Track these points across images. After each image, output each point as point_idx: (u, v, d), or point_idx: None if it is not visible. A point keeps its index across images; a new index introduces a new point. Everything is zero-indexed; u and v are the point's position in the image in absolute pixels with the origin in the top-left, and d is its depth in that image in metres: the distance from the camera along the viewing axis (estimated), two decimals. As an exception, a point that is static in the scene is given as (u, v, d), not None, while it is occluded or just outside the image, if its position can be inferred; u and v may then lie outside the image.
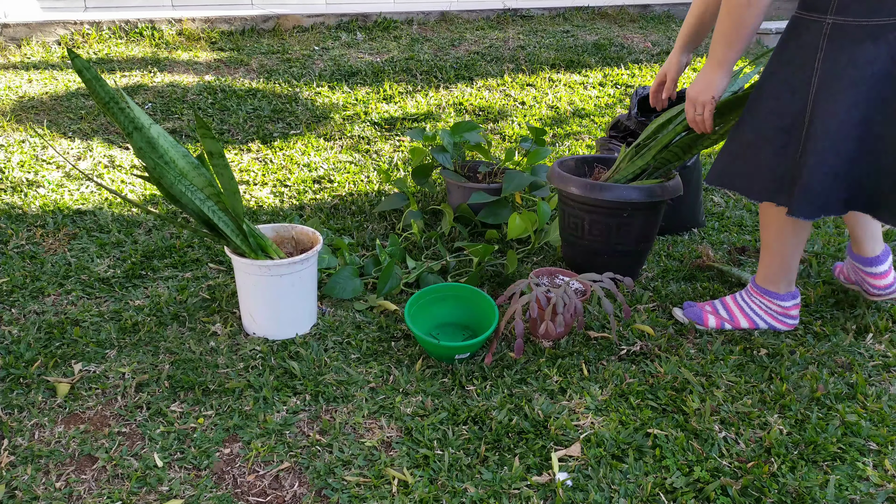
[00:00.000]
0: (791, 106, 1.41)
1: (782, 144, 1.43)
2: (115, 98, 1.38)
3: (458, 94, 3.60)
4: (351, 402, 1.47)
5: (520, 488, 1.24)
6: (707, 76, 1.49)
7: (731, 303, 1.75)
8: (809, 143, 1.38)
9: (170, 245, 2.12)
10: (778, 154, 1.44)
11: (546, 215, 2.09)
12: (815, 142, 1.37)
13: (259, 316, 1.65)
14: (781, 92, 1.42)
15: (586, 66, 4.06)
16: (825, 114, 1.36)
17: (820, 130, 1.36)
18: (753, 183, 1.50)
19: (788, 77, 1.41)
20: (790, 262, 1.63)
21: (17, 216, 2.23)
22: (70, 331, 1.67)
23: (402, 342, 1.69)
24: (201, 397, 1.47)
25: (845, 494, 1.23)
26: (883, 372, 1.59)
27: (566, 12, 5.09)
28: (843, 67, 1.33)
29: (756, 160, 1.48)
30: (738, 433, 1.38)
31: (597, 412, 1.44)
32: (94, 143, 2.80)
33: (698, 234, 2.32)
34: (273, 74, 3.62)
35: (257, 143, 2.94)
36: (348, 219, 2.35)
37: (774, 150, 1.45)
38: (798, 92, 1.39)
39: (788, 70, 1.41)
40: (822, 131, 1.36)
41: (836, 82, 1.34)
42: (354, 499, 1.22)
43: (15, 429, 1.37)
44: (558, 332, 1.63)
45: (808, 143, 1.38)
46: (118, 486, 1.24)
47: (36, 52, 3.69)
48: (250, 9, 4.54)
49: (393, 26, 4.52)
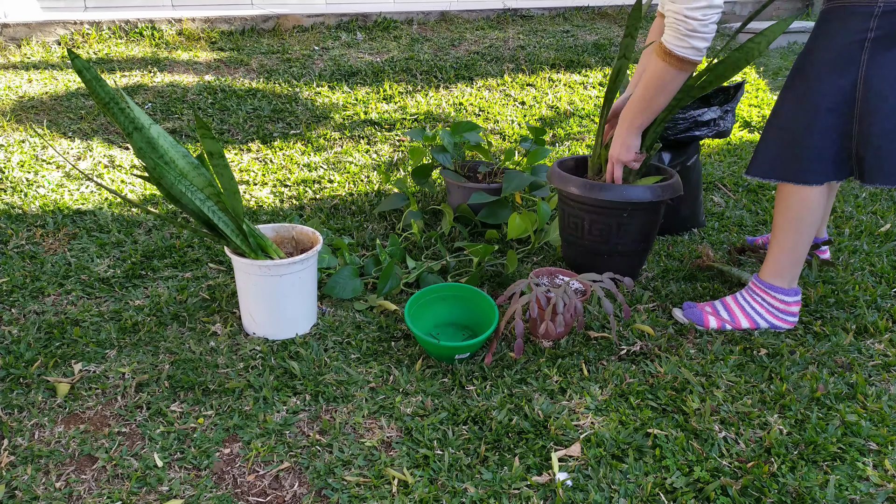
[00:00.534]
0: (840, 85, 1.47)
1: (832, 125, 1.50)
2: (115, 98, 1.38)
3: (458, 94, 3.60)
4: (351, 402, 1.47)
5: (520, 488, 1.24)
6: (627, 140, 1.75)
7: (731, 303, 1.75)
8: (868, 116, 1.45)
9: (170, 245, 2.12)
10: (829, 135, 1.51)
11: (546, 215, 2.09)
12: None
13: (259, 316, 1.65)
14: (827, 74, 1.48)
15: (586, 66, 4.06)
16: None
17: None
18: (812, 167, 1.54)
19: (831, 61, 1.47)
20: (800, 254, 1.66)
21: (17, 216, 2.23)
22: (70, 331, 1.67)
23: (402, 342, 1.69)
24: (201, 397, 1.47)
25: (845, 494, 1.23)
26: (883, 372, 1.59)
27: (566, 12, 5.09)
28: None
29: (810, 143, 1.53)
30: (738, 433, 1.38)
31: (597, 412, 1.44)
32: (94, 143, 2.80)
33: (698, 234, 2.32)
34: (273, 74, 3.62)
35: (257, 143, 2.94)
36: (348, 219, 2.35)
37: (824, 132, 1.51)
38: (846, 73, 1.45)
39: (830, 55, 1.48)
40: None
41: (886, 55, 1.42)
42: (354, 499, 1.22)
43: (15, 429, 1.37)
44: (558, 332, 1.63)
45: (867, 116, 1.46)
46: (118, 486, 1.24)
47: (36, 52, 3.69)
48: (250, 9, 4.54)
49: (393, 26, 4.52)
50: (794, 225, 1.62)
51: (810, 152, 1.53)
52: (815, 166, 1.54)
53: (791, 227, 1.63)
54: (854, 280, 1.98)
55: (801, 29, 4.95)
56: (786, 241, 1.65)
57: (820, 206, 1.60)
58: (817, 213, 1.60)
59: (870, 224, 2.35)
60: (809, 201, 1.58)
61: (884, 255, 2.13)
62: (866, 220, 2.38)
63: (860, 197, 2.60)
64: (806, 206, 1.59)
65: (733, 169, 2.88)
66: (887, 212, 2.46)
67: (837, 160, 1.53)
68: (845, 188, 2.70)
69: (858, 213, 2.46)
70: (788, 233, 1.63)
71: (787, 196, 1.61)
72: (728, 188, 2.70)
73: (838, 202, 2.55)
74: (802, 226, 1.62)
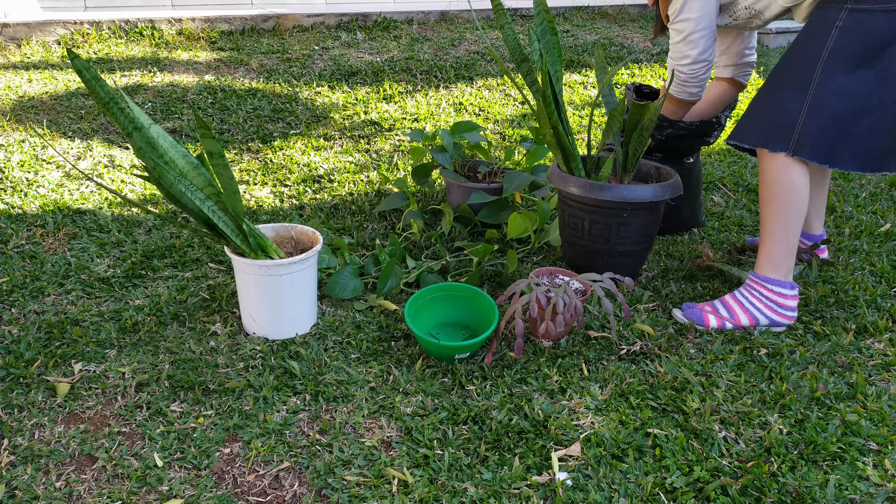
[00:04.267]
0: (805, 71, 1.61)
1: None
2: (115, 98, 1.38)
3: (458, 94, 3.60)
4: (351, 401, 1.47)
5: (520, 488, 1.24)
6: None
7: (730, 300, 1.75)
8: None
9: (170, 245, 2.12)
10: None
11: (546, 215, 2.09)
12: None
13: (259, 316, 1.65)
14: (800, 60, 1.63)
15: (586, 66, 4.06)
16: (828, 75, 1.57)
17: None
18: (770, 134, 1.65)
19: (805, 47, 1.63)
20: (792, 243, 1.69)
21: (17, 216, 2.23)
22: (70, 330, 1.67)
23: (402, 342, 1.69)
24: (201, 397, 1.47)
25: (845, 494, 1.23)
26: (883, 372, 1.59)
27: (566, 12, 5.09)
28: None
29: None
30: (738, 433, 1.38)
31: (597, 412, 1.44)
32: (94, 143, 2.80)
33: (698, 234, 2.32)
34: (273, 74, 3.62)
35: (257, 143, 2.94)
36: (348, 219, 2.35)
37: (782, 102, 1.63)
38: (812, 54, 1.59)
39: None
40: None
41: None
42: (354, 498, 1.22)
43: (15, 429, 1.37)
44: (558, 332, 1.63)
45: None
46: (118, 486, 1.24)
47: (36, 51, 3.69)
48: (250, 8, 4.54)
49: (393, 26, 4.52)
50: (781, 212, 1.65)
51: (766, 120, 1.65)
52: (765, 131, 1.64)
53: (778, 215, 1.66)
54: (854, 280, 1.98)
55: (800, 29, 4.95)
56: (776, 230, 1.68)
57: (804, 190, 1.64)
58: (802, 197, 1.64)
59: (870, 224, 2.35)
60: (784, 181, 1.63)
61: (884, 255, 2.13)
62: (866, 220, 2.38)
63: (860, 197, 2.60)
64: (784, 189, 1.63)
65: (733, 169, 2.88)
66: (887, 212, 2.46)
67: (783, 130, 1.61)
68: (845, 188, 2.70)
69: (858, 213, 2.46)
70: (777, 221, 1.67)
71: (764, 180, 1.67)
72: (728, 188, 2.70)
73: (838, 202, 2.55)
74: (790, 212, 1.65)
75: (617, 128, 1.87)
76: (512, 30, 1.89)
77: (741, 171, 2.85)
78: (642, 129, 1.80)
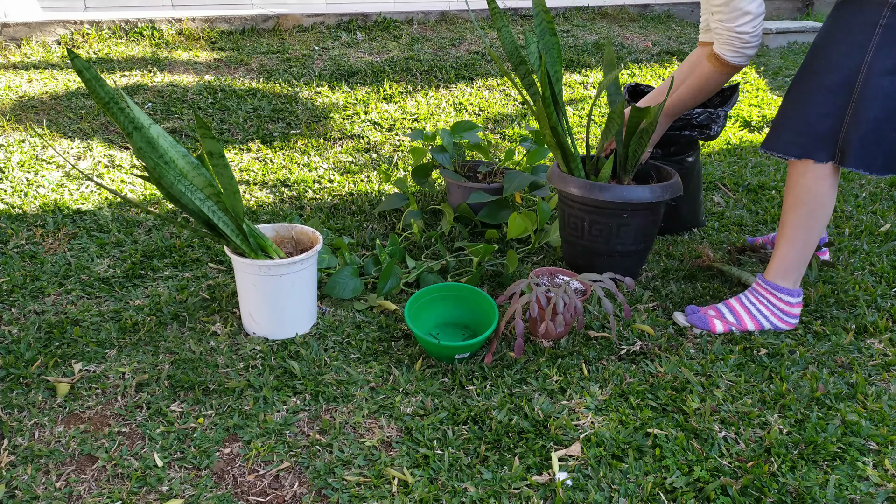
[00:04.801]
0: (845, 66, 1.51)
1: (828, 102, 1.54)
2: (115, 98, 1.38)
3: (458, 93, 3.60)
4: (351, 401, 1.47)
5: (520, 488, 1.24)
6: (661, 125, 1.93)
7: (736, 305, 1.74)
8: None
9: (170, 245, 2.12)
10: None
11: (546, 215, 2.09)
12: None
13: (259, 316, 1.65)
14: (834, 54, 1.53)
15: (586, 65, 4.06)
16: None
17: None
18: (803, 141, 1.57)
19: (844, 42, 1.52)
20: (809, 254, 1.66)
21: (17, 216, 2.23)
22: (70, 330, 1.67)
23: (402, 342, 1.69)
24: (201, 397, 1.47)
25: (845, 494, 1.23)
26: (883, 372, 1.59)
27: (566, 12, 5.09)
28: None
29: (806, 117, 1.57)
30: (738, 433, 1.38)
31: (597, 412, 1.44)
32: (94, 143, 2.80)
33: (698, 234, 2.32)
34: (273, 74, 3.61)
35: (257, 143, 2.94)
36: (348, 219, 2.35)
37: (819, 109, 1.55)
38: (852, 55, 1.49)
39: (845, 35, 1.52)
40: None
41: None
42: (354, 498, 1.22)
43: (15, 429, 1.37)
44: (558, 332, 1.63)
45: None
46: (118, 486, 1.24)
47: (36, 51, 3.69)
48: (250, 8, 4.54)
49: (393, 26, 4.52)
50: (806, 220, 1.61)
51: (806, 128, 1.57)
52: (807, 141, 1.56)
53: (802, 222, 1.61)
54: (854, 280, 1.98)
55: (800, 29, 4.95)
56: (796, 237, 1.64)
57: (833, 200, 1.59)
58: (829, 208, 1.60)
59: (870, 224, 2.35)
60: (818, 190, 1.57)
61: (884, 255, 2.13)
62: (866, 220, 2.38)
63: (860, 197, 2.60)
64: (816, 199, 1.58)
65: (733, 169, 2.88)
66: (887, 212, 2.46)
67: (826, 139, 1.54)
68: (845, 188, 2.70)
69: (858, 213, 2.46)
70: (799, 229, 1.62)
71: (795, 185, 1.60)
72: (728, 188, 2.70)
73: (838, 202, 2.55)
74: (815, 221, 1.61)
75: (616, 129, 1.87)
76: (509, 32, 1.89)
77: (741, 171, 2.85)
78: (642, 130, 1.80)
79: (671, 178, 1.90)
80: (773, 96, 3.77)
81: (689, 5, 5.38)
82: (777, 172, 2.83)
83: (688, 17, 5.39)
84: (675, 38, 4.69)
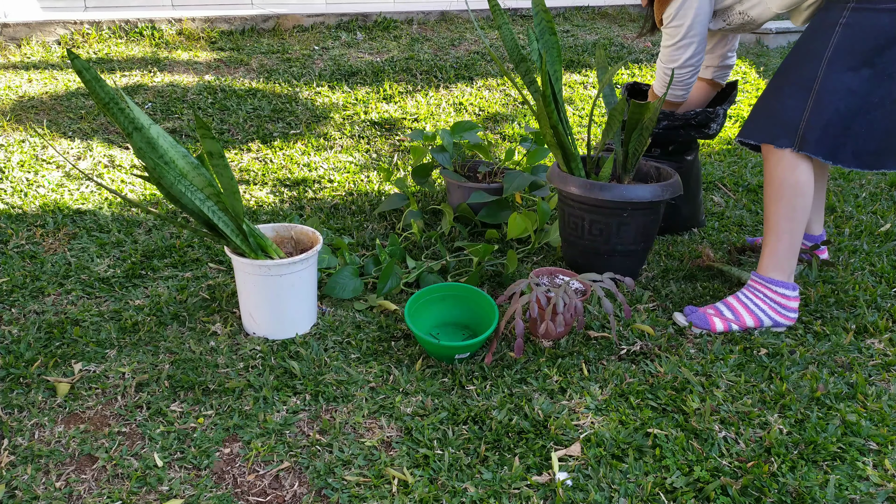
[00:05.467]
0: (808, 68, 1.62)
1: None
2: (115, 98, 1.38)
3: (458, 94, 3.60)
4: (351, 401, 1.47)
5: (520, 488, 1.24)
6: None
7: (734, 302, 1.75)
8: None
9: (170, 245, 2.12)
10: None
11: (546, 215, 2.09)
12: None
13: (259, 316, 1.65)
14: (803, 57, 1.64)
15: (586, 66, 4.06)
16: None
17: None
18: (776, 130, 1.65)
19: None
20: (796, 243, 1.69)
21: (17, 216, 2.23)
22: (70, 331, 1.67)
23: (402, 342, 1.69)
24: (201, 397, 1.47)
25: (845, 494, 1.23)
26: (883, 372, 1.59)
27: (566, 12, 5.09)
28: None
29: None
30: (738, 433, 1.38)
31: (597, 412, 1.44)
32: (94, 143, 2.80)
33: (698, 234, 2.32)
34: (273, 74, 3.62)
35: (257, 143, 2.94)
36: (348, 219, 2.35)
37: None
38: (815, 52, 1.59)
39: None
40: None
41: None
42: (354, 498, 1.22)
43: (15, 429, 1.37)
44: (558, 332, 1.63)
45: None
46: (118, 486, 1.24)
47: (36, 51, 3.69)
48: (250, 8, 4.54)
49: (393, 26, 4.52)
50: (787, 212, 1.66)
51: (772, 117, 1.66)
52: (771, 128, 1.65)
53: (784, 214, 1.66)
54: (854, 280, 1.98)
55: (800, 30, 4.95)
56: (781, 230, 1.68)
57: (809, 189, 1.64)
58: (808, 197, 1.65)
59: (870, 224, 2.35)
60: (792, 180, 1.63)
61: (884, 255, 2.13)
62: (866, 220, 2.38)
63: (860, 197, 2.60)
64: (793, 189, 1.64)
65: (733, 169, 2.88)
66: (887, 212, 2.46)
67: (788, 127, 1.62)
68: (845, 188, 2.70)
69: (858, 213, 2.46)
70: (782, 221, 1.67)
71: (771, 178, 1.67)
72: (728, 188, 2.70)
73: (838, 202, 2.55)
74: (795, 212, 1.66)
75: (617, 127, 1.87)
76: (510, 30, 1.89)
77: (741, 171, 2.85)
78: (642, 128, 1.80)
79: (671, 177, 1.90)
80: (773, 96, 3.77)
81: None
82: (777, 172, 2.82)
83: (688, 17, 5.38)
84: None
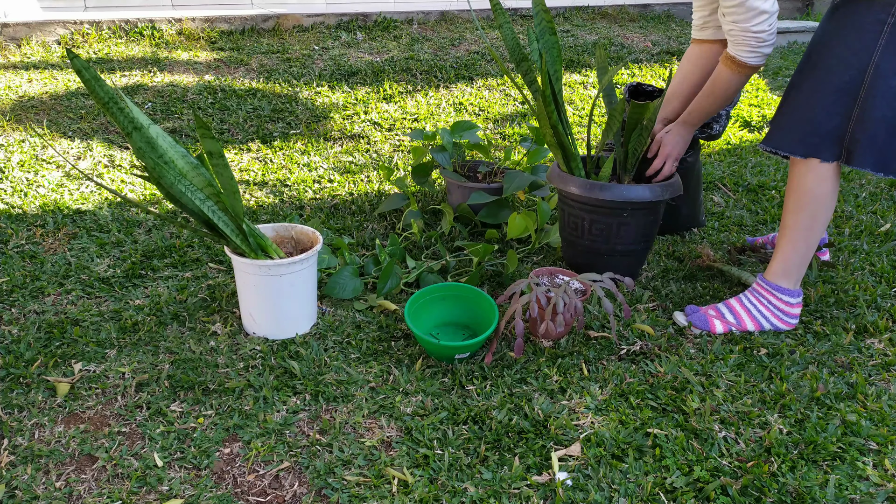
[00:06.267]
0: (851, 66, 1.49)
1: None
2: (115, 98, 1.38)
3: (458, 94, 3.60)
4: (351, 401, 1.47)
5: (520, 488, 1.24)
6: (684, 137, 1.92)
7: (736, 305, 1.74)
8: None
9: (170, 245, 2.12)
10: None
11: (546, 215, 2.09)
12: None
13: (259, 316, 1.65)
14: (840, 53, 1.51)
15: (586, 66, 4.06)
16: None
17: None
18: (811, 140, 1.56)
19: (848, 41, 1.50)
20: (810, 254, 1.66)
21: (17, 216, 2.23)
22: (70, 330, 1.67)
23: (402, 342, 1.69)
24: (201, 397, 1.47)
25: (845, 494, 1.23)
26: (883, 371, 1.59)
27: (566, 12, 5.09)
28: None
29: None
30: (738, 433, 1.38)
31: (597, 412, 1.44)
32: (94, 143, 2.80)
33: (698, 234, 2.32)
34: (273, 74, 3.61)
35: (257, 143, 2.94)
36: (348, 219, 2.35)
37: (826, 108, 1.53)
38: (860, 54, 1.47)
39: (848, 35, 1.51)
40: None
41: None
42: (354, 498, 1.22)
43: (15, 428, 1.37)
44: (558, 332, 1.63)
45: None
46: (118, 486, 1.24)
47: (36, 51, 3.69)
48: (250, 8, 4.54)
49: (393, 26, 4.52)
50: (808, 222, 1.61)
51: (812, 127, 1.55)
52: (813, 140, 1.55)
53: (804, 223, 1.61)
54: (854, 280, 1.98)
55: (800, 29, 4.95)
56: (798, 238, 1.63)
57: (834, 200, 1.59)
58: (831, 209, 1.59)
59: (870, 224, 2.35)
60: (820, 192, 1.56)
61: (884, 255, 2.13)
62: (866, 220, 2.38)
63: (860, 197, 2.60)
64: (818, 200, 1.57)
65: (733, 169, 2.88)
66: (887, 212, 2.46)
67: (832, 138, 1.53)
68: (845, 188, 2.70)
69: (858, 213, 2.46)
70: (801, 230, 1.62)
71: (797, 186, 1.59)
72: (728, 188, 2.70)
73: (838, 202, 2.55)
74: (816, 222, 1.60)
75: (617, 127, 1.87)
76: (511, 29, 1.89)
77: (741, 171, 2.85)
78: (642, 128, 1.80)
79: (671, 177, 1.90)
80: (772, 96, 3.77)
81: (689, 5, 5.38)
82: (777, 172, 2.83)
83: (688, 17, 5.39)
84: (675, 38, 4.69)
